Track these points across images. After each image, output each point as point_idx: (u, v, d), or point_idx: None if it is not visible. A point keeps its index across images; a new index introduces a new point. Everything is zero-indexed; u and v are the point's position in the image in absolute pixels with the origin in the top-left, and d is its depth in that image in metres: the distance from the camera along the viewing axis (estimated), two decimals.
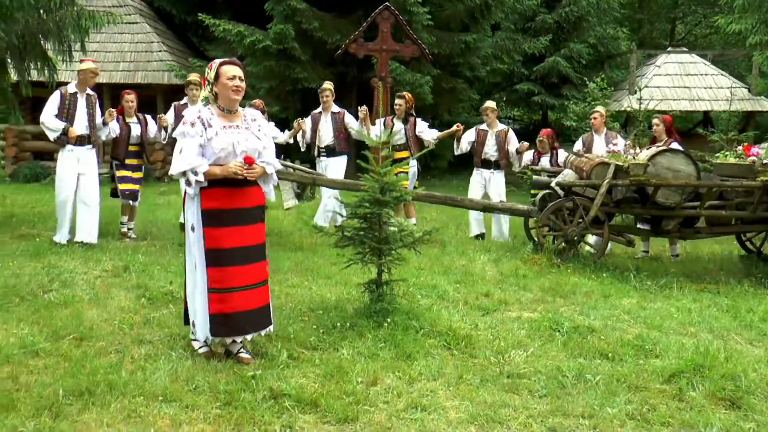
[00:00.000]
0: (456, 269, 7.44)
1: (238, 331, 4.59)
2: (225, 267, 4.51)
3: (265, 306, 4.73)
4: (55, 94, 8.46)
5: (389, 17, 11.26)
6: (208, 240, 4.52)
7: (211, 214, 4.53)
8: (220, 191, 4.53)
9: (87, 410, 3.81)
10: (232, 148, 4.53)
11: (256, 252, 4.67)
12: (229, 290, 4.52)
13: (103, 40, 18.50)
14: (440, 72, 18.35)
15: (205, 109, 4.61)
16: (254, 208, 4.70)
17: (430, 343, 4.99)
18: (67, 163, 8.47)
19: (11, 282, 6.39)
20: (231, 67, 4.60)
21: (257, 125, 4.76)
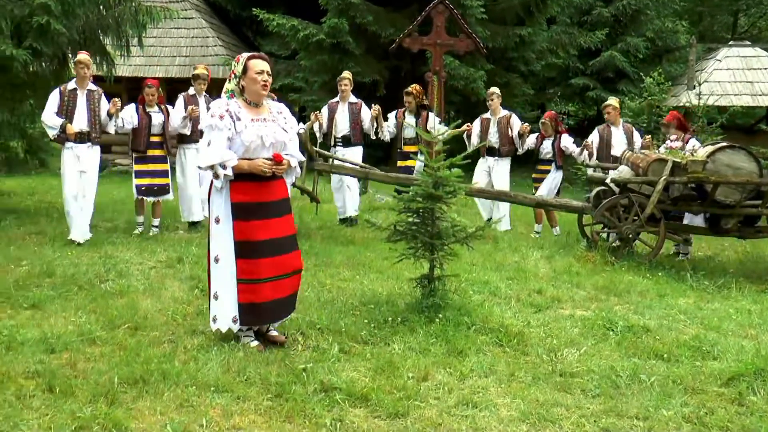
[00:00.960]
0: (508, 265, 7.39)
1: (265, 320, 4.75)
2: (255, 259, 4.60)
3: (293, 294, 4.85)
4: (55, 92, 8.33)
5: (444, 11, 11.24)
6: (238, 233, 4.60)
7: (240, 208, 4.61)
8: (248, 185, 4.61)
9: (141, 398, 3.88)
10: (261, 141, 4.60)
11: (286, 243, 4.75)
12: (258, 281, 4.61)
13: (159, 35, 18.81)
14: (494, 66, 18.23)
15: (232, 102, 4.68)
16: (281, 201, 4.79)
17: (482, 340, 4.96)
18: (69, 161, 8.30)
19: (70, 271, 6.55)
20: (259, 62, 4.69)
21: (283, 117, 4.84)
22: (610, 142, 9.65)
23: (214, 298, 4.71)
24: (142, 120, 8.82)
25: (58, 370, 4.22)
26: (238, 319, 4.64)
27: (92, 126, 8.37)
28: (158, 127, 8.98)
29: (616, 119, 9.81)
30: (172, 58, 19.32)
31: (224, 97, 4.79)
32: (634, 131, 9.83)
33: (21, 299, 5.67)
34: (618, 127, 9.78)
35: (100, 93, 8.54)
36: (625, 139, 9.66)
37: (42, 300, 5.66)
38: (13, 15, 9.63)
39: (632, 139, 9.67)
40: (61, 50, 10.62)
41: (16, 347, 4.59)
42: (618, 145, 9.59)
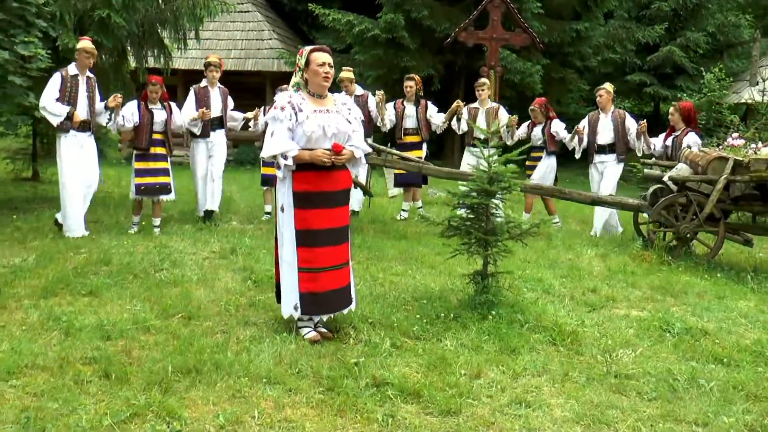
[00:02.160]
0: (562, 263, 7.29)
1: (326, 310, 4.78)
2: (314, 248, 4.66)
3: (347, 286, 4.87)
4: (56, 77, 7.90)
5: (500, 5, 11.14)
6: (299, 221, 4.67)
7: (301, 197, 4.67)
8: (310, 174, 4.65)
9: (194, 387, 3.92)
10: (323, 132, 4.64)
11: (342, 234, 4.80)
12: (318, 270, 4.67)
13: (216, 28, 19.05)
14: (550, 61, 18.03)
15: (295, 95, 4.74)
16: (342, 191, 4.82)
17: (535, 338, 4.89)
18: (72, 151, 7.98)
19: (125, 260, 6.67)
20: (321, 54, 4.73)
21: (347, 109, 4.87)
22: (596, 128, 9.57)
23: (280, 285, 4.83)
24: (144, 117, 8.46)
25: (114, 356, 4.29)
26: (299, 307, 4.70)
27: (91, 114, 8.14)
28: (160, 125, 8.62)
29: (606, 105, 9.65)
30: (227, 51, 19.55)
31: (291, 90, 4.86)
32: (627, 117, 9.66)
33: (79, 286, 5.79)
34: (607, 113, 9.64)
35: (95, 80, 8.31)
36: (612, 126, 9.53)
37: (99, 287, 5.77)
38: (77, 9, 9.84)
39: (623, 126, 9.52)
40: (121, 43, 10.83)
41: (75, 333, 4.69)
42: (603, 131, 9.51)
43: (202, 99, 9.07)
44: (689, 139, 8.82)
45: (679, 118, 9.03)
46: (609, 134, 9.48)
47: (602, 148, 9.53)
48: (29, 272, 6.17)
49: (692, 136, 8.84)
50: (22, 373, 4.02)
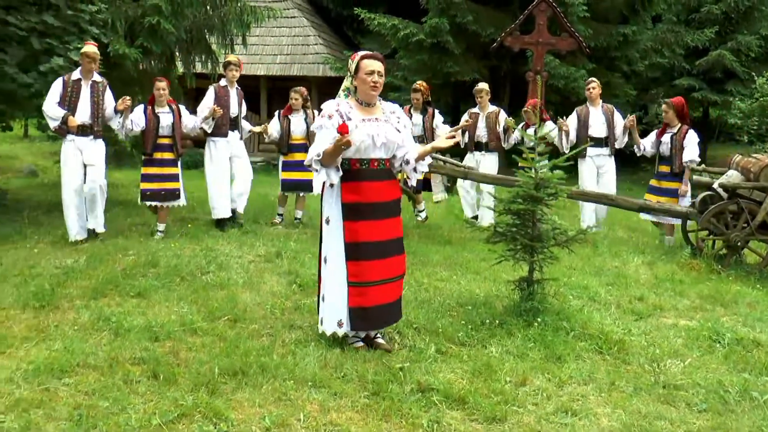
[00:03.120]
0: (608, 270, 7.20)
1: (375, 325, 4.67)
2: (364, 261, 4.53)
3: (399, 300, 4.78)
4: (57, 81, 7.81)
5: (546, 9, 11.07)
6: (348, 234, 4.54)
7: (351, 208, 4.54)
8: (360, 185, 4.54)
9: (240, 389, 3.96)
10: (372, 141, 4.53)
11: (394, 246, 4.67)
12: (367, 284, 4.54)
13: (262, 33, 19.24)
14: (596, 65, 17.81)
15: (344, 102, 4.64)
16: (392, 202, 4.70)
17: (581, 346, 4.84)
18: (70, 155, 7.83)
19: (173, 262, 6.77)
20: (372, 62, 4.59)
21: (396, 117, 4.74)
22: (588, 122, 9.51)
23: (322, 300, 4.70)
24: (150, 121, 8.31)
25: (162, 357, 4.36)
26: (344, 323, 4.58)
27: (95, 119, 7.92)
28: (167, 129, 8.46)
29: (596, 98, 9.64)
30: (273, 56, 19.74)
31: (341, 95, 4.75)
32: (615, 111, 9.63)
33: (128, 288, 5.90)
34: (597, 107, 9.62)
35: (104, 85, 8.09)
36: (604, 119, 9.51)
37: (147, 289, 5.88)
38: (127, 15, 10.06)
39: (612, 119, 9.51)
40: (169, 49, 11.03)
41: (124, 334, 4.78)
42: (596, 125, 9.47)
43: (222, 98, 8.98)
44: (690, 137, 8.81)
45: (673, 116, 8.99)
46: (602, 127, 9.51)
47: (598, 141, 9.52)
48: (80, 273, 6.32)
49: (692, 133, 8.83)
50: (74, 372, 4.11)
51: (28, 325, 4.96)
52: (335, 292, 4.60)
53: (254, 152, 19.22)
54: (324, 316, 4.69)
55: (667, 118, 9.07)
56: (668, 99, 9.48)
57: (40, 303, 5.40)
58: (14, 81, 8.26)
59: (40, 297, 5.50)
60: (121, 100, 7.93)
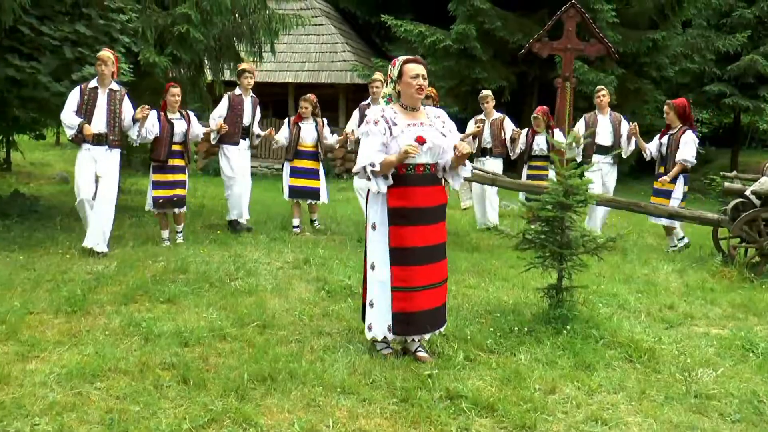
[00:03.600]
0: (638, 278, 7.15)
1: (418, 331, 4.60)
2: (409, 266, 4.51)
3: (443, 305, 4.73)
4: (75, 90, 7.70)
5: (575, 15, 11.01)
6: (394, 238, 4.53)
7: (397, 213, 4.53)
8: (406, 190, 4.52)
9: (269, 395, 3.98)
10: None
11: (438, 251, 4.65)
12: (412, 289, 4.52)
13: (290, 41, 19.34)
14: (625, 71, 17.71)
15: (388, 108, 4.62)
16: (438, 207, 4.67)
17: (611, 354, 4.80)
18: (85, 164, 7.66)
19: (202, 269, 6.82)
20: (415, 66, 4.58)
21: (441, 122, 4.71)
22: (596, 129, 9.57)
23: (370, 306, 4.67)
24: (164, 128, 8.26)
25: (191, 363, 4.38)
26: (392, 328, 4.57)
27: (111, 128, 7.72)
28: (180, 136, 8.46)
29: (605, 106, 9.73)
30: (301, 63, 19.85)
31: (382, 102, 4.76)
32: (622, 119, 9.70)
33: (157, 293, 5.95)
34: (605, 115, 9.69)
35: (122, 94, 7.88)
36: (611, 127, 9.59)
37: (176, 295, 5.92)
38: (157, 24, 10.16)
39: (619, 127, 9.58)
40: (198, 57, 11.12)
41: (154, 339, 4.82)
42: (603, 133, 9.54)
43: (236, 107, 9.05)
44: (686, 137, 8.80)
45: (674, 117, 9.01)
46: (609, 135, 9.58)
47: (603, 149, 9.61)
48: (111, 279, 6.38)
49: (689, 134, 8.84)
50: (105, 377, 4.15)
51: (61, 329, 5.02)
52: (382, 298, 4.59)
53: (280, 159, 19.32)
54: (372, 322, 4.66)
55: (668, 118, 9.10)
56: (670, 101, 9.44)
57: (72, 308, 5.46)
58: (47, 89, 8.38)
59: (72, 302, 5.56)
60: (139, 108, 7.80)
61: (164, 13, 10.52)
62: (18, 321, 5.05)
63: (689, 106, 9.15)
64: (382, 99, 4.79)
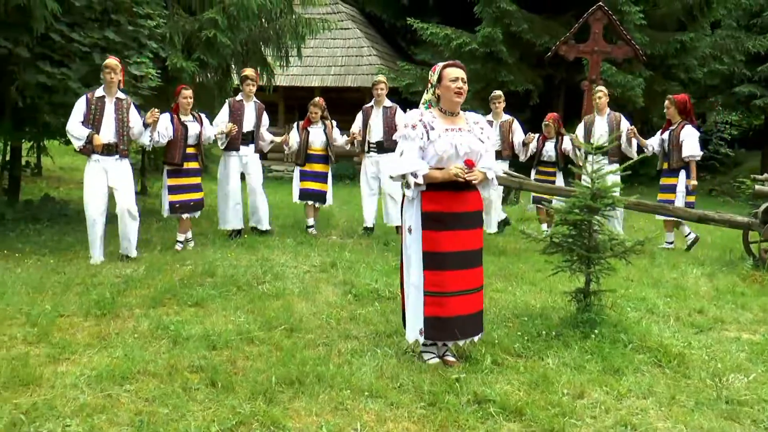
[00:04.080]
0: (666, 282, 7.07)
1: (450, 336, 4.57)
2: (442, 271, 4.49)
3: (478, 312, 4.69)
4: (81, 100, 7.51)
5: (602, 17, 10.95)
6: (426, 243, 4.52)
7: (431, 217, 4.52)
8: (441, 194, 4.51)
9: (297, 398, 3.98)
10: (455, 151, 4.49)
11: (473, 257, 4.62)
12: (445, 294, 4.50)
13: (316, 45, 19.44)
14: (653, 73, 17.56)
15: (427, 113, 4.62)
16: (474, 213, 4.64)
17: (640, 359, 4.75)
18: (94, 175, 7.52)
19: (230, 272, 6.86)
20: (454, 69, 4.59)
21: (479, 128, 4.70)
22: (591, 130, 9.58)
23: (407, 309, 4.71)
24: (177, 130, 8.16)
25: (219, 366, 4.40)
26: (422, 332, 4.56)
27: (120, 137, 7.56)
28: (194, 138, 8.36)
29: (604, 107, 9.69)
30: (327, 67, 19.93)
31: (422, 108, 4.74)
32: (622, 120, 9.64)
33: (185, 297, 5.99)
34: (603, 116, 9.66)
35: (129, 102, 7.74)
36: (608, 128, 9.54)
37: (204, 298, 5.96)
38: (185, 30, 10.26)
39: (618, 128, 9.51)
40: (225, 62, 11.21)
41: (182, 342, 4.85)
42: (599, 134, 9.48)
43: (236, 112, 8.94)
44: (686, 131, 8.92)
45: (675, 112, 9.15)
46: (605, 136, 9.46)
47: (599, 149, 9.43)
48: (139, 282, 6.44)
49: (689, 128, 8.96)
50: (134, 379, 4.19)
51: (90, 332, 5.08)
52: (415, 301, 4.59)
53: None
54: (408, 325, 4.68)
55: (669, 113, 9.24)
56: (672, 96, 9.58)
57: (101, 311, 5.51)
58: (77, 95, 8.48)
59: (102, 305, 5.62)
60: (149, 113, 7.74)
61: (191, 19, 10.62)
62: (49, 323, 5.12)
63: (690, 102, 9.26)
64: (423, 105, 4.78)
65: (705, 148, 20.28)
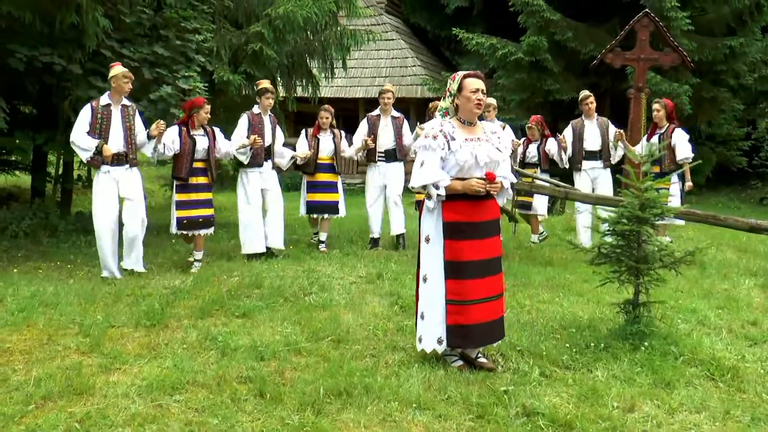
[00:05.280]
0: (717, 293, 6.93)
1: (473, 343, 4.66)
2: (464, 280, 4.55)
3: (500, 319, 4.74)
4: (86, 108, 7.21)
5: (648, 24, 10.79)
6: (449, 252, 4.57)
7: (453, 227, 4.57)
8: (461, 204, 4.57)
9: (345, 410, 3.99)
10: (475, 161, 4.56)
11: (493, 265, 4.68)
12: (467, 303, 4.55)
13: (361, 56, 19.52)
14: (700, 80, 17.21)
15: (446, 123, 4.66)
16: (492, 222, 4.71)
17: (692, 372, 4.67)
18: (105, 186, 7.24)
19: (276, 283, 6.90)
20: (475, 80, 4.63)
21: (497, 138, 4.75)
22: (583, 136, 9.55)
23: (421, 318, 4.73)
24: (185, 144, 7.80)
25: (267, 377, 4.44)
26: (444, 341, 4.61)
27: (129, 146, 7.33)
28: (203, 153, 7.96)
29: (593, 112, 9.67)
30: (372, 78, 20.01)
31: (438, 116, 4.81)
32: (610, 125, 9.63)
33: (233, 308, 6.05)
34: (592, 120, 9.63)
35: (134, 109, 7.54)
36: (599, 132, 9.52)
37: (251, 309, 6.00)
38: (231, 43, 10.40)
39: (607, 133, 9.53)
40: (271, 74, 11.31)
41: (230, 353, 4.90)
42: (590, 139, 9.50)
43: (256, 126, 8.41)
44: (678, 135, 9.13)
45: (664, 115, 9.36)
46: (597, 140, 9.54)
47: (592, 155, 9.59)
48: (187, 294, 6.52)
49: (680, 131, 9.18)
50: (184, 389, 4.24)
51: (141, 342, 5.15)
52: (434, 310, 4.63)
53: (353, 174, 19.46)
54: (423, 334, 4.71)
55: (657, 117, 9.41)
56: (660, 99, 9.73)
57: (150, 322, 5.59)
58: None
59: (151, 316, 5.70)
60: (155, 124, 7.46)
61: (238, 32, 10.76)
62: (101, 334, 5.22)
63: (675, 107, 9.66)
64: (438, 113, 4.83)
65: (756, 156, 19.96)
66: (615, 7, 17.39)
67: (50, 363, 4.66)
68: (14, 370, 4.51)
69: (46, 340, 5.11)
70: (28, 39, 8.09)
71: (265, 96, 8.45)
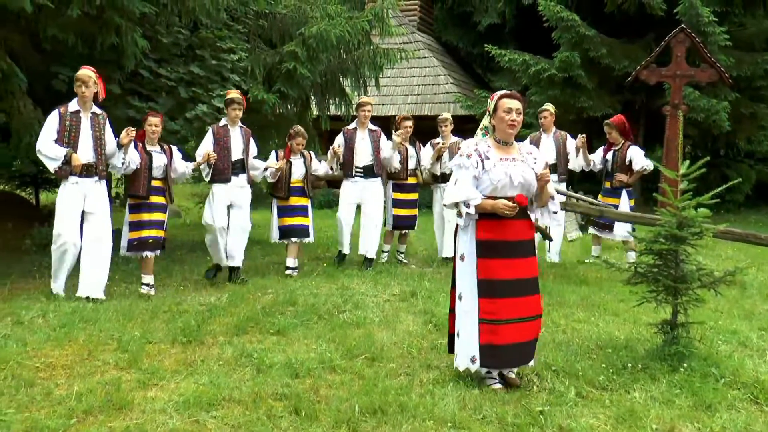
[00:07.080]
0: (759, 314, 6.81)
1: (505, 364, 4.65)
2: (497, 299, 4.54)
3: (533, 341, 4.72)
4: (53, 115, 6.76)
5: (684, 40, 10.71)
6: (482, 270, 4.58)
7: (486, 246, 4.59)
8: (495, 223, 4.57)
9: (380, 428, 3.98)
10: (509, 180, 4.58)
11: (528, 285, 4.67)
12: (500, 322, 4.54)
13: (393, 75, 19.59)
14: (739, 96, 17.00)
15: (482, 142, 4.72)
16: (527, 242, 4.71)
17: (734, 395, 4.57)
18: (70, 198, 6.84)
19: (310, 301, 6.92)
20: (510, 101, 4.66)
21: (533, 158, 4.78)
22: (538, 148, 9.11)
23: (457, 336, 4.75)
24: (142, 161, 7.38)
25: (302, 394, 4.45)
26: (477, 359, 4.61)
27: (98, 156, 6.93)
28: (160, 170, 7.58)
29: (549, 126, 9.68)
30: (404, 96, 20.07)
31: (479, 134, 4.87)
32: (568, 138, 9.62)
33: (268, 325, 6.08)
34: (549, 134, 9.65)
35: (105, 117, 7.11)
36: (554, 146, 9.54)
37: (286, 327, 6.03)
38: (266, 62, 10.52)
39: (564, 146, 9.55)
40: (305, 93, 11.42)
41: (265, 370, 4.92)
42: (546, 151, 9.33)
43: (221, 139, 7.95)
44: (632, 152, 9.33)
45: (617, 135, 9.55)
46: (552, 154, 9.48)
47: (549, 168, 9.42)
48: (223, 311, 6.56)
49: (634, 149, 9.38)
50: (220, 405, 4.26)
51: (177, 359, 5.19)
52: (468, 329, 4.64)
53: None
54: (458, 352, 4.73)
55: (611, 137, 9.62)
56: (609, 120, 9.87)
57: (187, 338, 5.64)
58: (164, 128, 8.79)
59: (187, 332, 5.75)
60: (125, 131, 7.00)
61: (272, 52, 10.89)
62: (138, 350, 5.27)
63: (628, 122, 9.73)
64: (480, 131, 4.88)
65: None
66: (650, 23, 17.28)
67: (90, 378, 4.72)
68: (57, 385, 4.57)
69: (87, 356, 5.17)
70: (69, 60, 8.25)
71: (231, 107, 7.97)
